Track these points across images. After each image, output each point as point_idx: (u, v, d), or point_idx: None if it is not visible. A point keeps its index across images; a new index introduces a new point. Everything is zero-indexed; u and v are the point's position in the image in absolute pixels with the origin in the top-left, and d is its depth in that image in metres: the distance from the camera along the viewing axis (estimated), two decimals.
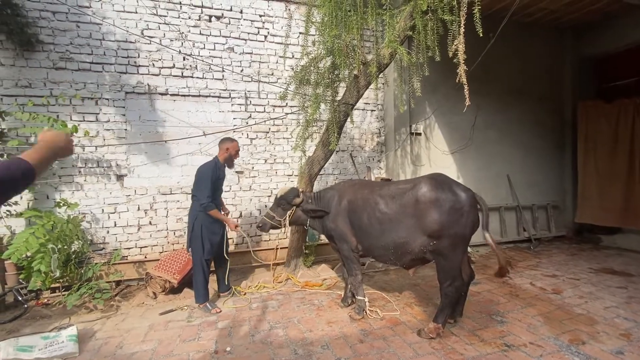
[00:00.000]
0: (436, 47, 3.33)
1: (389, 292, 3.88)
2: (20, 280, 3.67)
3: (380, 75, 4.43)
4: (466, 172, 5.92)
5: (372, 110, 5.74)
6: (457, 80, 3.12)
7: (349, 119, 4.00)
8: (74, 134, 3.81)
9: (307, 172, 4.13)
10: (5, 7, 3.73)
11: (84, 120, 4.20)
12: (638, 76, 6.03)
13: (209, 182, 3.33)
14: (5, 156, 3.71)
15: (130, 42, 4.38)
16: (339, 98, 4.07)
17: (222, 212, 3.65)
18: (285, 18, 5.06)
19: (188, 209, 4.63)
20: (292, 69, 4.90)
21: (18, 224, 3.91)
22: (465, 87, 3.09)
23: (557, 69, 6.59)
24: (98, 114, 4.27)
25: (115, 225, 4.35)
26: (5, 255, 3.28)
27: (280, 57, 4.97)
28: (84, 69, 4.21)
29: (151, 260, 4.35)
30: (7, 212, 3.65)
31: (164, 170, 4.54)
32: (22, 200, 3.93)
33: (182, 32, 4.62)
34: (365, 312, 3.22)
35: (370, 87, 3.94)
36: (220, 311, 3.47)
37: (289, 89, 4.20)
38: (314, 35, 4.33)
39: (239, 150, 3.65)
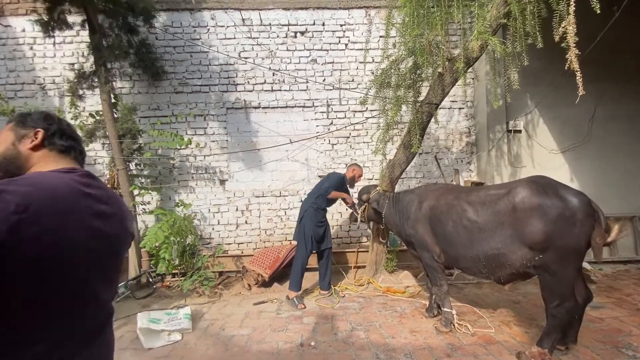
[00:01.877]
0: (537, 33, 2.93)
1: (482, 307, 3.53)
2: (151, 265, 4.54)
3: (469, 70, 4.11)
4: (582, 174, 4.99)
5: (459, 108, 5.34)
6: (566, 68, 2.69)
7: (432, 120, 3.81)
8: (189, 145, 4.57)
9: (388, 176, 4.07)
10: (142, 47, 4.71)
11: (196, 134, 4.99)
12: None
13: (334, 185, 4.00)
14: (142, 165, 4.67)
15: (230, 64, 5.04)
16: (421, 98, 3.93)
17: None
18: (365, 24, 5.12)
19: (277, 210, 5.07)
20: (372, 73, 4.91)
21: (149, 220, 4.86)
22: (578, 74, 2.64)
23: None
24: (206, 128, 5.02)
25: (218, 223, 5.02)
26: (142, 245, 4.12)
27: (361, 62, 5.04)
28: (195, 91, 5.02)
29: (246, 255, 4.87)
30: (143, 210, 4.57)
31: (257, 175, 5.06)
32: (153, 200, 4.87)
33: (272, 50, 5.09)
34: (453, 325, 3.01)
35: (457, 84, 3.69)
36: (305, 307, 3.68)
37: (369, 93, 4.23)
38: (394, 37, 4.28)
39: (362, 175, 4.24)
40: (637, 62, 4.97)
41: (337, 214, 5.13)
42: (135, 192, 4.38)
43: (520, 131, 5.01)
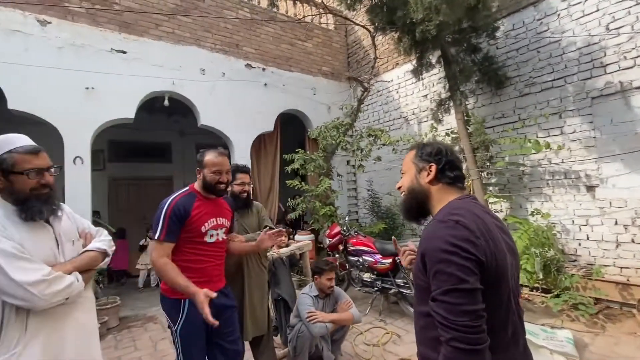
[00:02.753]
0: None
1: None
2: None
3: None
4: None
5: None
6: None
7: None
8: (545, 149, 4.19)
9: None
10: (484, 62, 4.94)
11: (549, 135, 4.49)
12: None
13: None
14: (493, 175, 4.84)
15: (593, 43, 4.11)
16: None
17: None
18: None
19: None
20: None
21: None
22: None
23: None
24: (562, 127, 4.38)
25: (587, 238, 4.17)
26: None
27: None
28: (545, 89, 4.54)
29: (635, 284, 3.68)
30: None
31: None
32: (502, 208, 4.90)
33: None
34: None
35: None
36: None
37: None
38: None
39: None
40: None
41: None
42: (490, 200, 4.60)
43: None
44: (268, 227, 2.52)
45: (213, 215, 1.95)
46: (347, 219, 4.69)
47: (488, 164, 4.64)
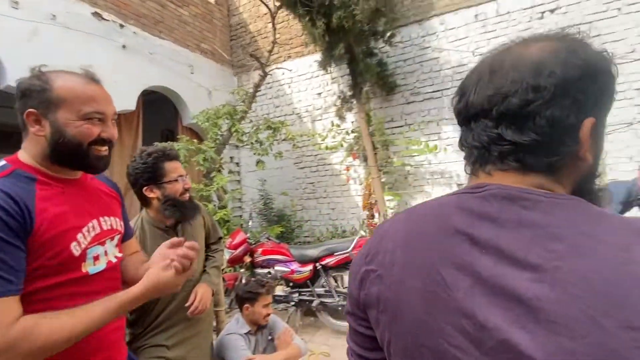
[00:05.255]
0: None
1: None
2: None
3: None
4: None
5: None
6: None
7: None
8: (433, 152, 4.68)
9: None
10: (378, 66, 5.19)
11: (429, 140, 5.07)
12: None
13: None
14: (384, 174, 5.08)
15: (463, 65, 4.90)
16: None
17: None
18: None
19: None
20: None
21: None
22: None
23: None
24: (439, 133, 5.04)
25: None
26: None
27: None
28: (426, 99, 5.13)
29: None
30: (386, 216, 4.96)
31: None
32: (392, 205, 5.24)
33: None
34: None
35: None
36: None
37: None
38: None
39: None
40: None
41: None
42: (386, 197, 4.80)
43: None
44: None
45: (87, 212, 0.92)
46: (250, 223, 3.90)
47: (385, 163, 4.85)
